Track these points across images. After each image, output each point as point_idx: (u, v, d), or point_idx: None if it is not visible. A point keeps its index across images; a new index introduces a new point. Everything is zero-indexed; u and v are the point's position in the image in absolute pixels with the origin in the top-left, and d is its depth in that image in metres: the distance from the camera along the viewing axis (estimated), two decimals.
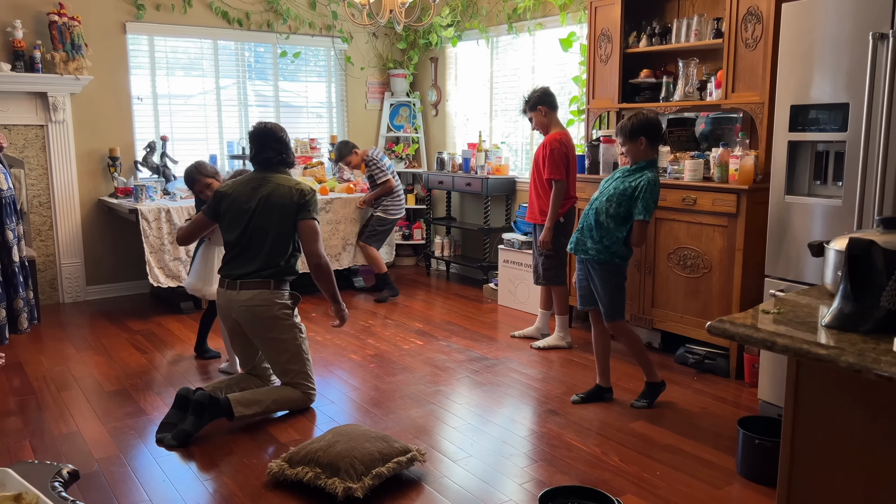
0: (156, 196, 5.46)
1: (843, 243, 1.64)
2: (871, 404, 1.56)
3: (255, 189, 3.43)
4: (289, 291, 3.49)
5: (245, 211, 3.40)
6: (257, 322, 3.38)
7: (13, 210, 4.04)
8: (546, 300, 4.66)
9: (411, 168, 7.13)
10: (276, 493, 2.72)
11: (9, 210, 3.99)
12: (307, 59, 6.77)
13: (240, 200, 3.43)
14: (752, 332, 1.58)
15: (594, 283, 3.51)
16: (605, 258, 3.43)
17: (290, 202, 3.39)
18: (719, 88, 4.07)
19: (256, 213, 3.39)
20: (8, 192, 3.99)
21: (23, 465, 1.31)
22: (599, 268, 3.46)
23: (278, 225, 3.39)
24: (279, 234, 3.39)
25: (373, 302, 5.70)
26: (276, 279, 3.40)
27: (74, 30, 5.31)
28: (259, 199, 3.39)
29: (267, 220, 3.38)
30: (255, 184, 3.46)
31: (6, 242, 4.00)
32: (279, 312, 3.40)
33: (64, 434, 3.26)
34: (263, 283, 3.37)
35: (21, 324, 4.12)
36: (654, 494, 2.72)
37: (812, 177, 3.28)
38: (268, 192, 3.40)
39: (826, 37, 3.06)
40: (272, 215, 3.38)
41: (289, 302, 3.46)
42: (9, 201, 4.00)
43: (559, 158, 4.26)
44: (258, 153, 3.49)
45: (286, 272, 3.44)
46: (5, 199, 3.96)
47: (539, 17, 5.69)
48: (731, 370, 3.94)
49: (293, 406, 3.48)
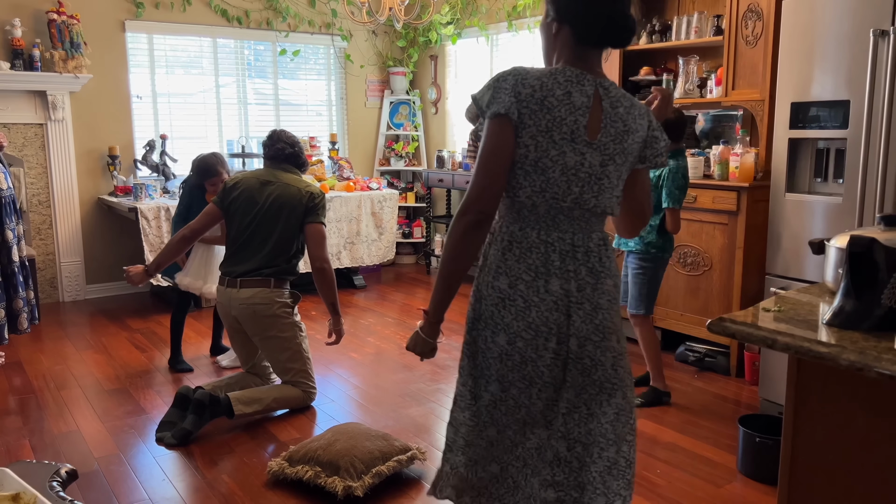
0: (155, 194, 5.45)
1: (844, 241, 1.63)
2: (872, 402, 1.55)
3: (264, 185, 3.42)
4: (289, 290, 3.48)
5: (253, 206, 3.38)
6: (257, 320, 3.37)
7: (13, 209, 4.03)
8: None
9: (411, 166, 7.12)
10: (276, 491, 2.72)
11: (8, 210, 3.99)
12: (307, 58, 6.76)
13: (249, 194, 3.41)
14: (752, 330, 1.58)
15: (627, 276, 3.54)
16: (641, 248, 3.46)
17: (299, 204, 3.37)
18: (719, 86, 4.07)
19: (263, 211, 3.37)
20: (7, 191, 3.99)
21: (21, 465, 1.31)
22: (634, 258, 3.50)
23: (284, 225, 3.37)
24: (284, 234, 3.38)
25: (373, 300, 5.70)
26: (276, 278, 3.39)
27: (73, 28, 5.30)
28: (267, 197, 3.38)
29: (273, 219, 3.37)
30: (263, 179, 3.44)
31: (6, 242, 3.99)
32: (279, 311, 3.39)
33: (63, 433, 3.26)
34: (264, 282, 3.36)
35: (21, 324, 4.11)
36: (655, 493, 2.71)
37: (813, 174, 3.28)
38: (277, 192, 3.39)
39: (827, 34, 3.05)
40: (279, 215, 3.36)
41: (289, 301, 3.45)
42: (8, 201, 3.99)
43: None
44: (270, 146, 3.54)
45: (287, 272, 3.43)
46: (5, 199, 3.96)
47: (539, 14, 5.68)
48: (732, 368, 3.94)
49: (294, 404, 3.47)
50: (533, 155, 1.63)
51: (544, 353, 1.66)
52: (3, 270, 4.01)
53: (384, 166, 7.15)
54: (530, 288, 1.66)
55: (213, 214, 3.50)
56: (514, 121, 1.62)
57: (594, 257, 1.69)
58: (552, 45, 1.77)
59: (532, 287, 1.66)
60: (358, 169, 7.04)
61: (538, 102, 1.62)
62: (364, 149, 7.18)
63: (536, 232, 1.67)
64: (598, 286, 1.68)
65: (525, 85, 1.64)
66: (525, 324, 1.66)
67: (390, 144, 7.21)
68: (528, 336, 1.66)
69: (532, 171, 1.64)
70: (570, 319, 1.66)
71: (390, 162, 7.15)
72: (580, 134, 1.63)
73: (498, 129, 1.63)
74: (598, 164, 1.65)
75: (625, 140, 1.68)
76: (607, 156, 1.66)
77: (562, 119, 1.62)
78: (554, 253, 1.66)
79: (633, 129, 1.69)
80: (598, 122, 1.65)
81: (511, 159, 1.64)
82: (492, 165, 1.63)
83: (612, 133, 1.66)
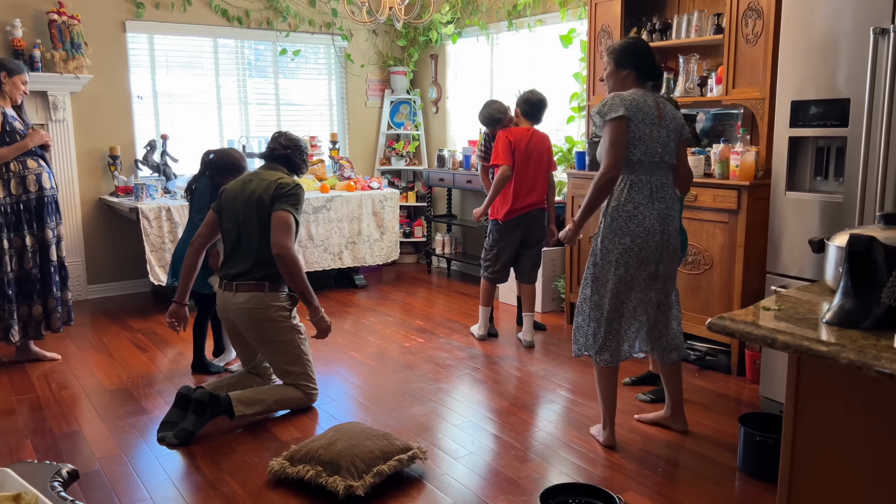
0: (156, 195, 5.46)
1: (844, 239, 1.63)
2: (871, 401, 1.55)
3: (246, 184, 3.42)
4: (286, 293, 3.44)
5: (235, 206, 3.38)
6: (253, 325, 3.34)
7: (55, 209, 4.10)
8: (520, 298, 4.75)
9: (412, 165, 7.12)
10: (278, 491, 2.72)
11: (50, 209, 4.06)
12: (307, 57, 6.76)
13: (233, 195, 3.41)
14: (752, 329, 1.58)
15: None
16: None
17: (267, 195, 3.33)
18: (720, 84, 4.07)
19: (243, 209, 3.36)
20: (50, 190, 4.05)
21: (22, 465, 1.31)
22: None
23: (260, 220, 3.33)
24: (263, 229, 3.33)
25: (374, 300, 5.70)
26: (270, 281, 3.35)
27: (74, 28, 5.30)
28: (245, 195, 3.37)
29: (251, 216, 3.34)
30: (247, 178, 3.45)
31: (45, 240, 4.05)
32: (275, 315, 3.35)
33: (65, 433, 3.27)
34: (258, 286, 3.33)
35: (54, 323, 4.14)
36: (656, 491, 2.72)
37: (813, 173, 3.27)
38: (252, 188, 3.37)
39: (827, 32, 3.05)
40: (256, 211, 3.33)
41: (286, 304, 3.41)
42: (50, 200, 4.06)
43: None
44: (268, 145, 3.55)
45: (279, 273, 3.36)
46: (47, 198, 4.03)
47: (539, 13, 5.68)
48: (733, 366, 3.94)
49: (295, 405, 3.47)
50: (637, 134, 2.89)
51: (652, 244, 2.92)
52: (41, 268, 4.06)
53: (385, 166, 7.15)
54: (645, 207, 2.91)
55: (214, 222, 3.50)
56: (627, 118, 2.87)
57: (669, 190, 2.99)
58: (620, 81, 3.03)
59: (646, 207, 2.91)
60: (359, 168, 7.04)
61: (635, 107, 2.89)
62: (365, 148, 7.18)
63: (645, 177, 2.93)
64: (671, 208, 2.98)
65: (625, 100, 2.90)
66: (642, 228, 2.90)
67: (391, 144, 7.21)
68: (643, 235, 2.90)
69: (638, 143, 2.90)
70: (663, 224, 2.93)
71: (391, 161, 7.15)
72: (655, 120, 2.93)
73: (618, 125, 2.87)
74: (666, 136, 2.95)
75: (674, 123, 2.99)
76: (669, 130, 2.97)
77: (646, 113, 2.91)
78: (654, 187, 2.94)
79: (676, 117, 3.02)
80: (661, 114, 2.95)
81: (626, 141, 2.88)
82: (619, 146, 2.87)
83: (668, 119, 2.97)
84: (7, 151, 3.84)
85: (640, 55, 3.01)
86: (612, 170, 2.88)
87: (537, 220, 4.44)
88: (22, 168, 3.92)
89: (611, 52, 3.05)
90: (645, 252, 2.91)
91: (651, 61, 3.01)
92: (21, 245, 3.97)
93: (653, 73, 3.03)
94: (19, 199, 3.94)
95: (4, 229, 3.91)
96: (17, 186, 3.92)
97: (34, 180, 3.97)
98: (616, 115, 2.86)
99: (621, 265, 2.93)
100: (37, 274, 4.04)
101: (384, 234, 6.16)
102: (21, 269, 4.00)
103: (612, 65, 3.05)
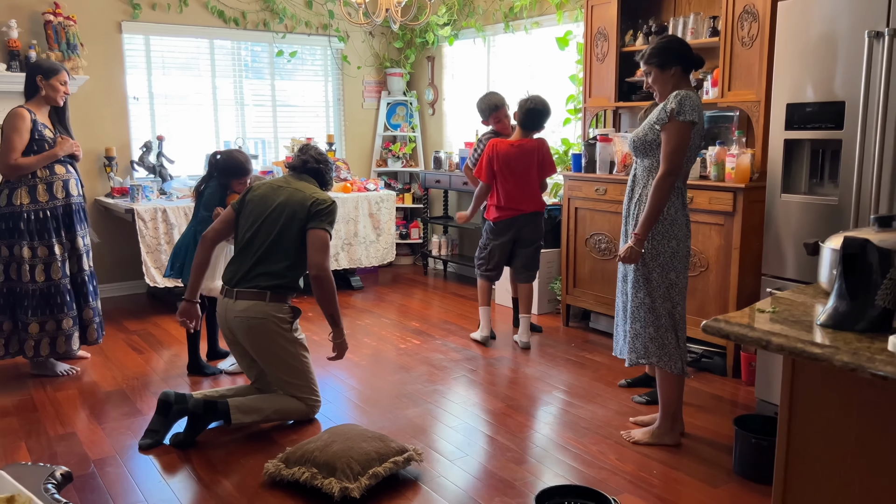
0: (152, 196, 5.45)
1: (839, 242, 1.64)
2: (866, 403, 1.56)
3: (276, 190, 3.34)
4: (288, 305, 3.33)
5: (261, 210, 3.30)
6: (252, 335, 3.24)
7: (83, 217, 4.01)
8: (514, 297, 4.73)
9: (408, 167, 7.12)
10: (273, 493, 2.72)
11: (79, 216, 3.97)
12: (304, 59, 6.76)
13: (261, 198, 3.33)
14: (747, 331, 1.58)
15: None
16: None
17: (302, 208, 3.25)
18: (715, 87, 4.07)
19: (267, 214, 3.27)
20: (77, 197, 3.96)
21: (15, 467, 1.31)
22: None
23: (283, 230, 3.24)
24: (281, 239, 3.25)
25: (370, 302, 5.70)
26: (273, 292, 3.24)
27: (70, 29, 5.29)
28: (274, 201, 3.29)
29: (274, 223, 3.25)
30: (277, 185, 3.37)
31: (76, 250, 3.96)
32: (276, 327, 3.24)
33: (60, 435, 3.26)
34: (259, 294, 3.22)
35: (91, 334, 4.07)
36: (651, 493, 2.72)
37: (808, 175, 3.28)
38: (284, 196, 3.29)
39: (822, 35, 3.06)
40: (280, 219, 3.25)
41: (287, 316, 3.29)
42: (78, 208, 3.96)
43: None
44: (297, 157, 3.47)
45: (285, 287, 3.28)
46: (75, 206, 3.94)
47: (536, 15, 5.69)
48: (729, 368, 3.94)
49: (295, 417, 3.37)
50: (696, 142, 2.93)
51: (689, 245, 3.05)
52: (74, 279, 3.98)
53: (381, 167, 7.15)
54: (687, 215, 3.02)
55: (230, 219, 3.41)
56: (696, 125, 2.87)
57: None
58: (669, 82, 2.93)
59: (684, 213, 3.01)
60: (355, 170, 7.03)
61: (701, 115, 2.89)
62: (361, 150, 7.18)
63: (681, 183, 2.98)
64: None
65: (700, 106, 2.88)
66: (686, 233, 3.01)
67: (387, 145, 7.21)
68: (687, 240, 3.02)
69: (692, 151, 2.93)
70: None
71: (387, 163, 7.15)
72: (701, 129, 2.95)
73: (689, 129, 2.85)
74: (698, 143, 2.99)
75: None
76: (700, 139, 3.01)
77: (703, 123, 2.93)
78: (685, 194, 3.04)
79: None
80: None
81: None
82: (684, 151, 2.86)
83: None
84: (35, 160, 3.75)
85: (680, 48, 2.93)
86: (673, 174, 2.85)
87: (530, 223, 4.44)
88: (49, 174, 3.83)
89: (651, 58, 2.91)
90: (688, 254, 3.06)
91: (691, 50, 2.94)
92: (48, 254, 3.84)
93: (696, 60, 2.93)
94: (45, 207, 3.83)
95: (27, 237, 3.80)
96: (45, 193, 3.82)
97: (61, 186, 3.87)
98: (691, 118, 2.80)
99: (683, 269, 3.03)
100: (66, 284, 3.92)
101: (380, 235, 6.16)
102: (48, 280, 3.86)
103: (656, 69, 2.92)
